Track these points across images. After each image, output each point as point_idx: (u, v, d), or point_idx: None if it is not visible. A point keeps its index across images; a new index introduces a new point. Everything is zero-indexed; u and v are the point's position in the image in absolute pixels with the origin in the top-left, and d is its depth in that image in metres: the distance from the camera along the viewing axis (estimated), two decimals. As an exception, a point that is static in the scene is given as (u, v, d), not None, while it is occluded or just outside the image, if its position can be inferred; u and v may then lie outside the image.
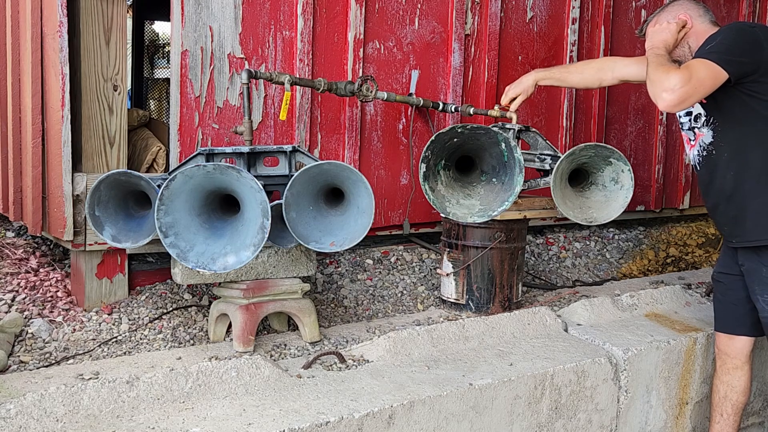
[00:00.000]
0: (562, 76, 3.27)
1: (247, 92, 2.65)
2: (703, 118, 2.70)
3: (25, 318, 2.66)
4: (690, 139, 2.80)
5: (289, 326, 2.88)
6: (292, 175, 2.46)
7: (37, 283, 2.89)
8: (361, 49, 3.29)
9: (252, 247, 2.35)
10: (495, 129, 2.86)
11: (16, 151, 2.92)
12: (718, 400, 2.94)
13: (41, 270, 2.99)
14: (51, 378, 2.30)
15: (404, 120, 3.47)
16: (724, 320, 2.90)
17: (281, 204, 2.45)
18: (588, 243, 4.21)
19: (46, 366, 2.44)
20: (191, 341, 2.72)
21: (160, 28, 7.83)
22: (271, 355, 2.59)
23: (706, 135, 2.70)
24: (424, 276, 3.46)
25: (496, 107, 3.31)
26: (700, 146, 2.73)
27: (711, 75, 2.43)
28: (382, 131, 3.42)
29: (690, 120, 2.77)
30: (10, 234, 3.31)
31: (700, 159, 2.75)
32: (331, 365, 2.51)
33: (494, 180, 2.98)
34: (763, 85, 2.50)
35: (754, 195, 2.61)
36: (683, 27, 2.70)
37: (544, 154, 3.21)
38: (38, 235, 2.88)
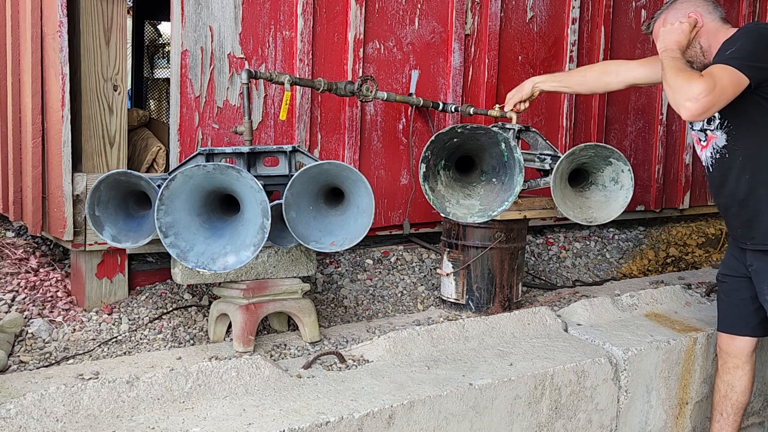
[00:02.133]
0: (562, 77, 3.25)
1: (247, 92, 2.65)
2: (717, 121, 2.63)
3: (25, 318, 2.66)
4: (701, 140, 2.74)
5: (289, 326, 2.88)
6: (292, 175, 2.46)
7: (37, 283, 2.89)
8: (361, 49, 3.29)
9: (252, 247, 2.35)
10: (495, 129, 2.86)
11: (16, 151, 2.92)
12: (718, 399, 2.94)
13: (41, 270, 2.99)
14: (51, 378, 2.30)
15: (404, 120, 3.47)
16: (726, 320, 2.90)
17: (281, 204, 2.45)
18: (588, 243, 4.21)
19: (46, 366, 2.44)
20: (191, 341, 2.72)
21: (164, 28, 7.82)
22: (271, 355, 2.59)
23: (719, 138, 2.65)
24: (424, 276, 3.46)
25: (496, 107, 3.31)
26: (713, 148, 2.68)
27: (733, 82, 2.36)
28: (382, 131, 3.42)
29: (702, 122, 2.70)
30: (10, 234, 3.31)
31: (713, 161, 2.70)
32: (331, 365, 2.51)
33: (494, 180, 2.98)
34: None
35: None
36: (694, 26, 2.62)
37: (544, 154, 3.21)
38: (38, 235, 2.88)
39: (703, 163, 2.78)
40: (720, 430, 2.94)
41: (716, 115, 2.63)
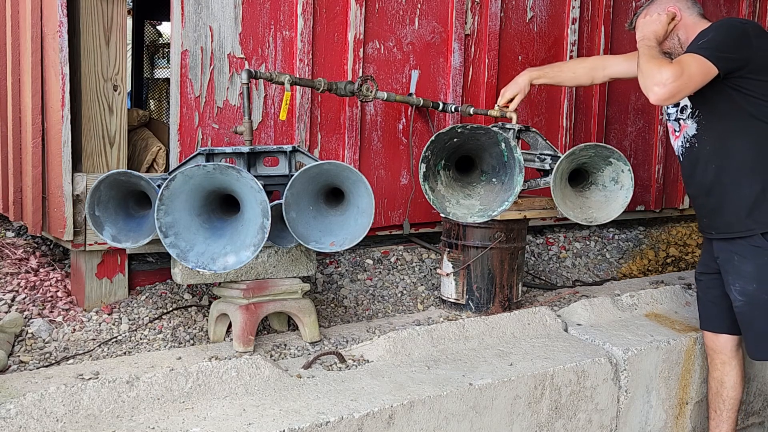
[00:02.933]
0: (554, 74, 3.30)
1: (247, 92, 2.65)
2: (689, 110, 2.74)
3: (25, 318, 2.66)
4: (675, 130, 2.84)
5: (289, 326, 2.88)
6: (292, 175, 2.46)
7: (37, 283, 2.89)
8: (361, 49, 3.29)
9: (252, 247, 2.35)
10: (495, 129, 2.86)
11: (16, 151, 2.92)
12: (711, 396, 2.97)
13: (41, 270, 2.99)
14: (51, 378, 2.30)
15: (404, 120, 3.47)
16: (706, 318, 2.95)
17: (281, 204, 2.45)
18: (588, 243, 4.21)
19: (46, 366, 2.44)
20: (191, 341, 2.72)
21: (164, 28, 7.82)
22: (271, 355, 2.59)
23: (690, 127, 2.74)
24: (424, 276, 3.46)
25: (496, 107, 3.31)
26: (684, 138, 2.78)
27: (701, 70, 2.47)
28: (382, 131, 3.42)
29: (676, 111, 2.81)
30: (10, 234, 3.31)
31: (684, 150, 2.80)
32: (331, 365, 2.51)
33: (494, 180, 2.98)
34: (750, 81, 2.54)
35: (733, 189, 2.65)
36: (672, 19, 2.74)
37: (544, 154, 3.21)
38: (38, 235, 2.88)
39: (676, 153, 2.87)
40: (716, 427, 2.96)
41: (688, 104, 2.73)
